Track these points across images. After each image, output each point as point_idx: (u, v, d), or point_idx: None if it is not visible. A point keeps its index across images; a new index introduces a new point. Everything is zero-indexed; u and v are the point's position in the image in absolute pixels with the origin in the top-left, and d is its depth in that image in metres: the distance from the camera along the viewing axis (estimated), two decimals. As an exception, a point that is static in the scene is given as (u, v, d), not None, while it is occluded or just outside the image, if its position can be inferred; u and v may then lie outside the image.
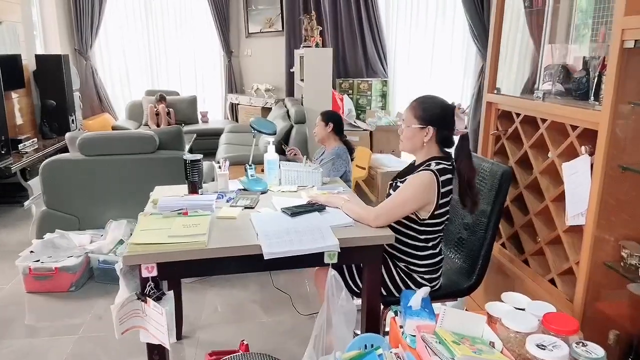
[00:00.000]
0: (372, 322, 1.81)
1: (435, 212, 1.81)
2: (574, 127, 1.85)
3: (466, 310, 1.65)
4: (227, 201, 2.08)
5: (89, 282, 3.07)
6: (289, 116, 5.14)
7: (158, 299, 1.58)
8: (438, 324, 1.38)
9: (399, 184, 1.89)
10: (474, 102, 5.08)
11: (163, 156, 3.40)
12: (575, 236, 1.90)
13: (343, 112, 5.44)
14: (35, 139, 5.16)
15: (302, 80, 5.28)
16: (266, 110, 6.79)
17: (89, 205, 3.39)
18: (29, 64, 5.53)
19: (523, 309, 1.53)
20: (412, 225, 1.85)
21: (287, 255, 1.59)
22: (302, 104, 5.31)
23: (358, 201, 2.04)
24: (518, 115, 2.24)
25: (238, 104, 7.28)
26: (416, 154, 1.91)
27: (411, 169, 1.91)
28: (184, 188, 2.17)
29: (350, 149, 3.24)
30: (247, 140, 5.61)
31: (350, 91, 5.75)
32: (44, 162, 3.37)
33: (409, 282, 1.92)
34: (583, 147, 1.78)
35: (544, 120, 2.04)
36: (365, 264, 1.79)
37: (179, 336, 2.45)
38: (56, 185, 3.35)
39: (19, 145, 4.74)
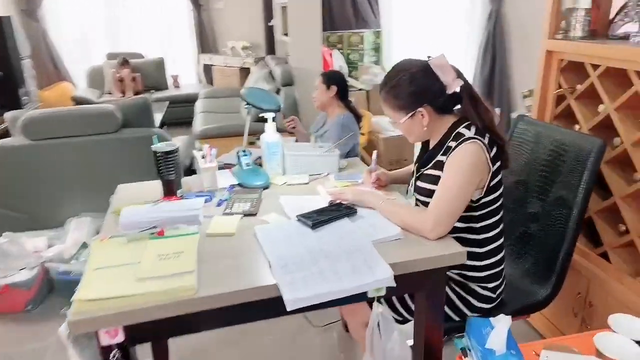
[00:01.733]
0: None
1: (491, 184, 1.34)
2: None
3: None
4: (218, 205, 1.52)
5: (49, 298, 2.50)
6: (272, 77, 4.49)
7: (129, 376, 1.04)
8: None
9: (428, 172, 1.40)
10: (482, 52, 4.50)
11: (128, 135, 2.78)
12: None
13: (332, 69, 4.81)
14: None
15: (285, 35, 4.60)
16: (245, 71, 6.09)
17: (41, 200, 2.77)
18: (-38, 29, 4.66)
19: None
20: (466, 213, 1.35)
21: (321, 300, 1.06)
22: (287, 63, 4.66)
23: (399, 198, 1.50)
24: (595, 67, 1.70)
25: (212, 65, 6.52)
26: (432, 139, 1.44)
27: (434, 151, 1.40)
28: (157, 186, 1.59)
29: (358, 117, 2.67)
30: (227, 106, 4.95)
31: (340, 45, 5.09)
32: (-20, 150, 2.71)
33: (467, 297, 1.43)
34: None
35: (642, 74, 1.51)
36: (422, 292, 1.27)
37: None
38: (-2, 178, 2.71)
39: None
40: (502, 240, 1.45)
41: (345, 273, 1.10)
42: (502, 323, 1.21)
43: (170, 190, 1.55)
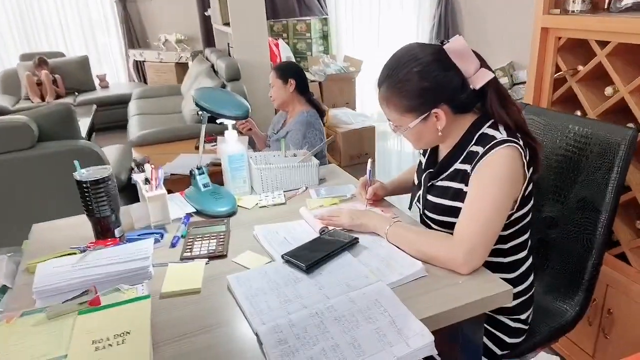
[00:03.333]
0: None
1: (526, 194, 1.09)
2: None
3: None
4: (173, 246, 1.15)
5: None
6: (215, 72, 4.07)
7: None
8: None
9: (443, 184, 1.12)
10: (434, 36, 4.32)
11: (47, 150, 2.30)
12: None
13: (280, 61, 4.45)
14: None
15: (226, 24, 4.17)
16: (182, 67, 5.59)
17: (-59, 238, 2.24)
18: None
19: None
20: None
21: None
22: (230, 55, 4.24)
23: (402, 218, 1.20)
24: (603, 44, 1.48)
25: (144, 62, 5.94)
26: (444, 142, 1.14)
27: (451, 157, 1.11)
28: (86, 223, 1.20)
29: (321, 112, 2.36)
30: (165, 106, 4.46)
31: (285, 34, 4.72)
32: None
33: (497, 334, 1.18)
34: None
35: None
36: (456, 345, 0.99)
37: None
38: None
39: None
40: (531, 260, 1.20)
41: (370, 346, 0.79)
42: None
43: (104, 231, 1.16)
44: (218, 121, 1.27)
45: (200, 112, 1.24)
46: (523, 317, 1.18)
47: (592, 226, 1.31)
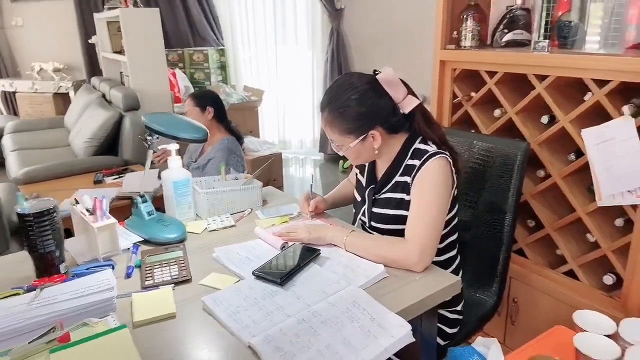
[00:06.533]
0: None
1: (455, 195, 1.29)
2: (602, 82, 1.45)
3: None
4: (128, 276, 1.11)
5: None
6: (108, 102, 3.86)
7: None
8: None
9: (387, 196, 1.27)
10: (329, 66, 4.61)
11: None
12: (603, 218, 1.56)
13: (179, 91, 4.38)
14: None
15: (117, 52, 4.01)
16: (62, 97, 5.19)
17: None
18: None
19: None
20: None
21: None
22: (123, 84, 4.06)
23: (359, 230, 1.31)
24: (492, 74, 1.77)
25: (15, 92, 5.38)
26: (380, 159, 1.30)
27: (390, 172, 1.27)
28: (19, 262, 1.10)
29: (240, 139, 2.40)
30: (47, 140, 4.10)
31: (182, 64, 4.67)
32: None
33: (439, 326, 1.32)
34: (626, 107, 1.39)
35: (541, 77, 1.61)
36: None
37: None
38: None
39: None
40: (459, 257, 1.38)
41: (359, 341, 0.86)
42: (495, 349, 1.12)
43: (48, 267, 1.08)
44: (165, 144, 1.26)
45: (148, 137, 1.23)
46: (458, 308, 1.34)
47: (499, 225, 1.54)
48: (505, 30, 1.79)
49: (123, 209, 2.16)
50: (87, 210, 1.20)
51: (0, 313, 0.88)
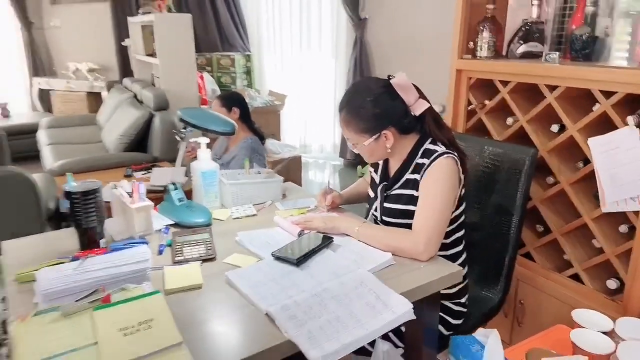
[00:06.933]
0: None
1: (461, 195, 1.38)
2: (610, 93, 1.52)
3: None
4: (160, 253, 1.23)
5: None
6: (139, 101, 4.05)
7: None
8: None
9: (397, 192, 1.36)
10: (351, 75, 4.73)
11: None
12: (608, 224, 1.62)
13: (206, 93, 4.55)
14: None
15: (150, 55, 4.20)
16: (94, 96, 5.42)
17: None
18: None
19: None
20: None
21: (348, 351, 0.90)
22: (153, 85, 4.25)
23: (370, 223, 1.41)
24: (506, 83, 1.85)
25: (51, 90, 5.65)
26: (392, 158, 1.41)
27: (402, 170, 1.37)
28: (57, 238, 1.23)
29: (263, 139, 2.53)
30: (79, 136, 4.31)
31: (209, 68, 4.85)
32: None
33: (444, 316, 1.41)
34: (631, 118, 1.46)
35: (552, 87, 1.69)
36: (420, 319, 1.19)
37: None
38: None
39: None
40: (465, 253, 1.46)
41: (364, 315, 0.96)
42: (493, 338, 1.20)
43: (90, 242, 1.21)
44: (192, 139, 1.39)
45: (184, 129, 1.35)
46: (462, 301, 1.43)
47: (506, 227, 1.62)
48: (521, 42, 1.88)
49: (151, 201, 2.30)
50: (127, 192, 1.33)
51: (49, 276, 1.01)
